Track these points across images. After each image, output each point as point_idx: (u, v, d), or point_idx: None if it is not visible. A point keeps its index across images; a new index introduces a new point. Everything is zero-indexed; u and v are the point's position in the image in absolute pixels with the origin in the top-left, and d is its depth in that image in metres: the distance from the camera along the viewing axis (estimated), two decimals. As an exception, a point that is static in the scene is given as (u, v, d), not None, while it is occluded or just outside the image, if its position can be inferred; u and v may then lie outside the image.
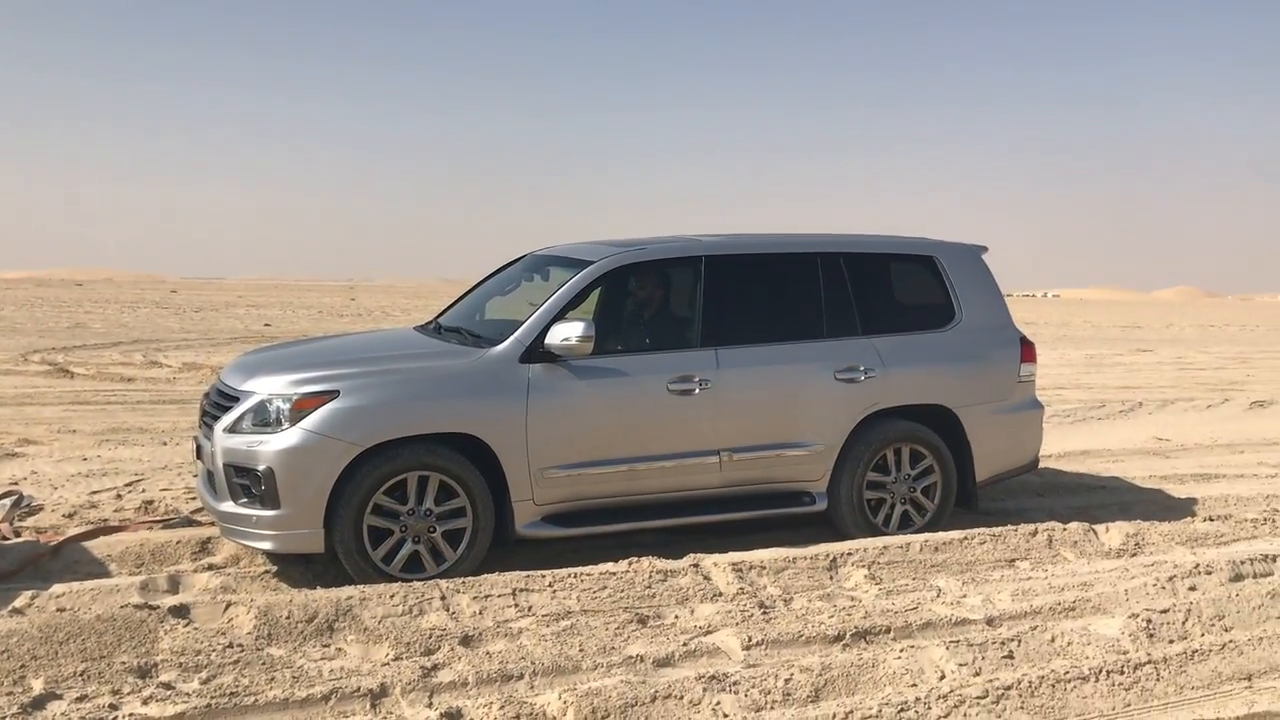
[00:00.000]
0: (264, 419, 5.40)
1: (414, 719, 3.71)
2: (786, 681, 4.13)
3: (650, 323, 6.47)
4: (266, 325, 27.20)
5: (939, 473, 6.61)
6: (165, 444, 9.29)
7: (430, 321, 7.12)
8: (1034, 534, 6.16)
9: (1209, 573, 5.51)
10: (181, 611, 4.63)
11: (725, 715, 3.89)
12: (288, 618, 4.60)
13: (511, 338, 5.80)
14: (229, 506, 5.45)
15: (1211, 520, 6.86)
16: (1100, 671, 4.29)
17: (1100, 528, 6.39)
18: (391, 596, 4.84)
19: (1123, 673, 4.31)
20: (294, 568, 5.72)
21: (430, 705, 3.92)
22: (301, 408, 5.34)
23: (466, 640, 4.54)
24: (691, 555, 5.60)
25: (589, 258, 6.23)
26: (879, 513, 6.53)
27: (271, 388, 5.47)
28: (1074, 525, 6.34)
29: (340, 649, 4.45)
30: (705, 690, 4.03)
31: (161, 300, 41.27)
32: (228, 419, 5.49)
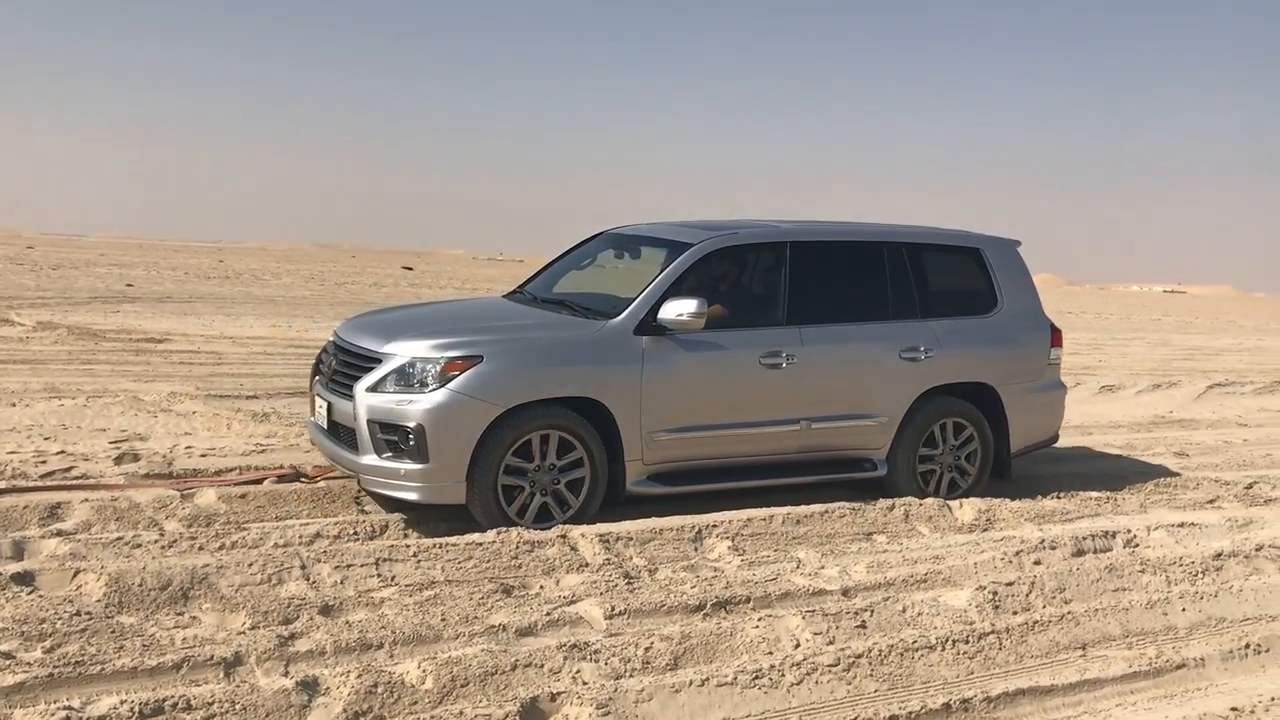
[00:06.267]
0: (408, 380, 5.79)
1: (269, 688, 3.65)
2: (646, 650, 4.20)
3: (742, 301, 6.94)
4: (129, 286, 26.15)
5: (979, 444, 7.28)
6: (14, 405, 8.87)
7: (518, 290, 7.62)
8: (891, 509, 6.37)
9: (1053, 548, 5.79)
10: (25, 578, 4.47)
11: (585, 683, 3.93)
12: (140, 585, 4.48)
13: (626, 312, 6.28)
14: (371, 460, 5.81)
15: (1059, 498, 7.20)
16: (947, 641, 4.47)
17: (954, 503, 6.64)
18: (250, 565, 4.75)
19: (968, 642, 4.50)
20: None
21: (286, 674, 3.86)
22: (449, 370, 5.76)
23: (326, 609, 4.48)
24: (559, 526, 5.64)
25: (687, 239, 6.71)
26: (928, 480, 7.12)
27: (415, 351, 5.87)
28: (929, 501, 6.58)
29: (195, 617, 4.36)
30: (566, 659, 4.07)
31: (16, 255, 39.29)
32: (369, 379, 5.86)
